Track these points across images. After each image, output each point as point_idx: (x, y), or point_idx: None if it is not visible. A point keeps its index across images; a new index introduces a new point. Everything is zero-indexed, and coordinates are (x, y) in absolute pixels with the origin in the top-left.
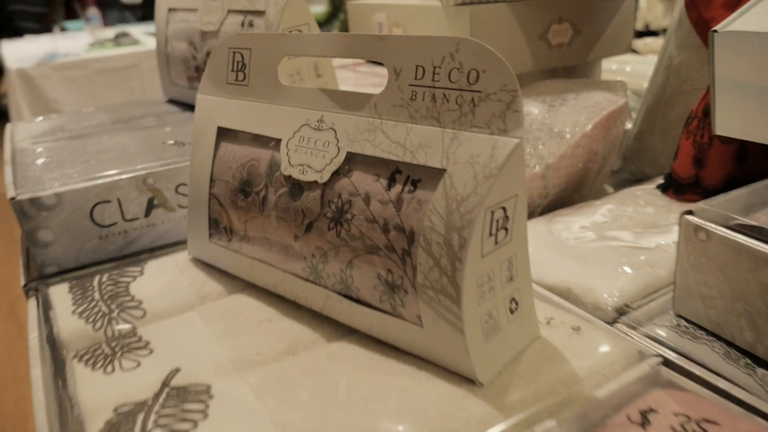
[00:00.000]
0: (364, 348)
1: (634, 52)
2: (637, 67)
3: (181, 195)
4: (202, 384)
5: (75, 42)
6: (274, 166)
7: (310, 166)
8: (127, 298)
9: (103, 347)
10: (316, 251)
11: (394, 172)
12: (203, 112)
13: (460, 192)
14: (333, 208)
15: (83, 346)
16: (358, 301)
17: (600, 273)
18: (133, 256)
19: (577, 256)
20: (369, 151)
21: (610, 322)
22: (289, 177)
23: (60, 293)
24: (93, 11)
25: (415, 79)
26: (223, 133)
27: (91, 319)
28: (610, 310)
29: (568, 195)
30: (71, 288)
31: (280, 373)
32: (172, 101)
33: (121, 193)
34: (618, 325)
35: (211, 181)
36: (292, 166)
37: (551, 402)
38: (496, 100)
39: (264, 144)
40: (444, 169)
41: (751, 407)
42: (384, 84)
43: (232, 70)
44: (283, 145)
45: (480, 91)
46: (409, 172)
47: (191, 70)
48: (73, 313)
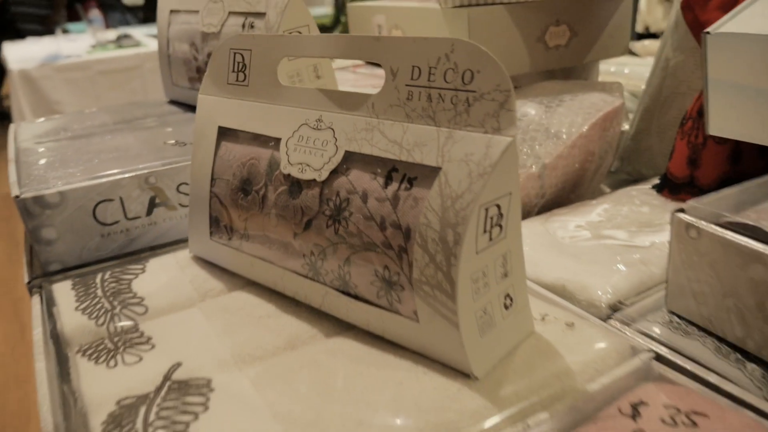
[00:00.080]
0: (361, 343)
1: (633, 54)
2: (635, 69)
3: (183, 194)
4: (203, 378)
5: (77, 44)
6: (273, 165)
7: (309, 165)
8: (129, 295)
9: (105, 342)
10: (315, 248)
11: (390, 171)
12: (204, 112)
13: (455, 189)
14: (331, 205)
15: (86, 342)
16: (356, 297)
17: (594, 271)
18: (135, 254)
19: (572, 254)
20: (366, 149)
21: (603, 318)
22: (289, 175)
23: (63, 290)
24: (95, 13)
25: (412, 79)
26: (224, 133)
27: (94, 315)
28: (604, 306)
29: (565, 195)
30: (74, 285)
31: (279, 367)
32: (174, 102)
33: (123, 192)
34: (611, 321)
35: (212, 180)
36: (292, 164)
37: (544, 395)
38: (490, 99)
39: (264, 143)
40: (439, 167)
41: (740, 400)
42: (382, 85)
43: (233, 71)
44: (282, 144)
45: (474, 91)
46: (405, 170)
47: (192, 71)
48: (76, 309)
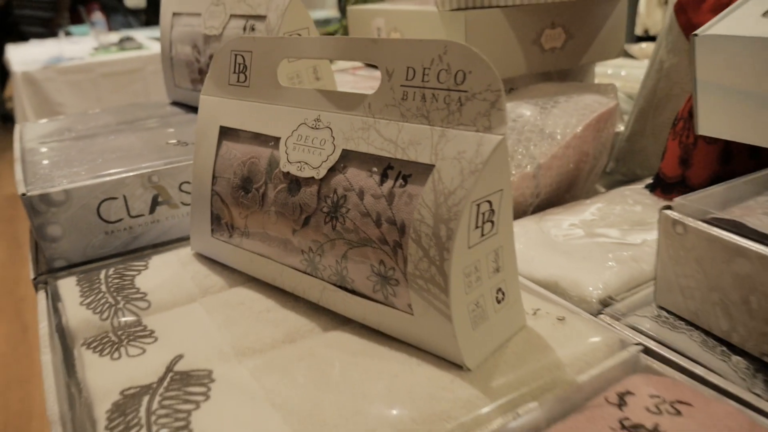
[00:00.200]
0: (358, 336)
1: (630, 56)
2: (632, 71)
3: (184, 193)
4: (204, 369)
5: (80, 46)
6: (273, 164)
7: (307, 163)
8: (133, 291)
9: (109, 336)
10: (313, 244)
11: (386, 168)
12: (206, 112)
13: (448, 186)
14: (329, 202)
15: (91, 335)
16: (353, 291)
17: (586, 267)
18: (138, 252)
19: (565, 252)
20: (363, 148)
21: (594, 313)
22: (288, 174)
23: (68, 286)
24: (98, 16)
25: (406, 79)
26: (225, 132)
27: (98, 310)
28: (595, 302)
29: (560, 195)
30: (79, 281)
31: (278, 359)
32: (176, 103)
33: (126, 191)
34: (602, 316)
35: (214, 179)
36: (291, 163)
37: (535, 386)
38: (482, 99)
39: (264, 142)
40: (433, 165)
41: (724, 391)
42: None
43: (234, 72)
44: (282, 143)
45: (466, 91)
46: (400, 167)
47: (194, 73)
48: (80, 304)
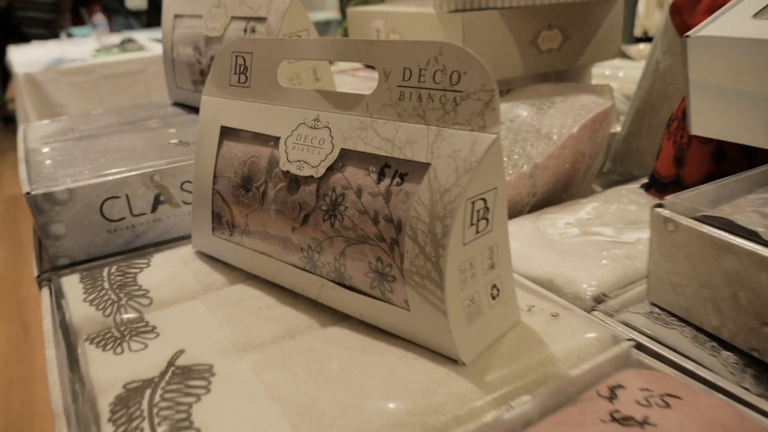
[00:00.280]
0: (356, 332)
1: (628, 57)
2: (629, 72)
3: (186, 192)
4: (205, 364)
5: (81, 48)
6: (273, 163)
7: (306, 162)
8: (135, 288)
9: (112, 331)
10: (312, 242)
11: (383, 167)
12: (207, 113)
13: (443, 184)
14: (327, 200)
15: (94, 331)
16: (351, 288)
17: (581, 265)
18: (140, 250)
19: (560, 250)
20: (361, 147)
21: (588, 310)
22: (287, 172)
23: (71, 283)
24: (99, 18)
25: (403, 80)
26: (226, 132)
27: (101, 307)
28: (589, 298)
29: (557, 194)
30: (82, 278)
31: (278, 354)
32: (177, 104)
33: (129, 190)
34: (595, 312)
35: (215, 178)
36: (290, 162)
37: (528, 380)
38: (476, 99)
39: (264, 142)
40: (429, 163)
41: (714, 385)
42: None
43: (235, 73)
44: (281, 142)
45: (461, 91)
46: (397, 166)
47: (196, 74)
48: (84, 301)
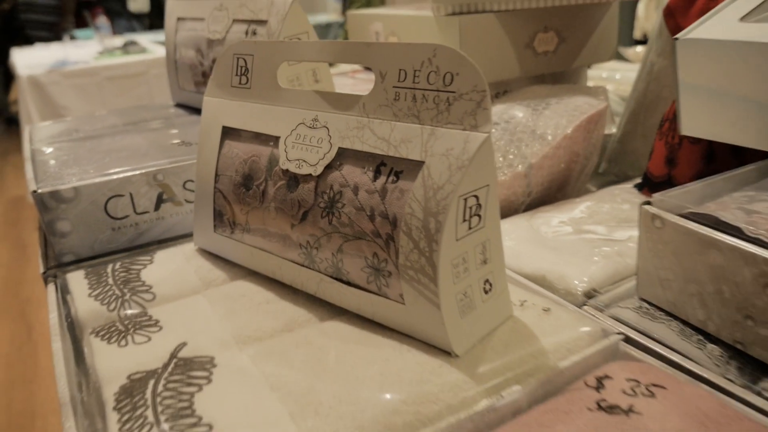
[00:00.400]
0: (352, 326)
1: (625, 60)
2: (626, 74)
3: (188, 191)
4: (207, 356)
5: (84, 50)
6: (273, 162)
7: (305, 161)
8: (138, 283)
9: (117, 325)
10: (311, 238)
11: (379, 165)
12: (209, 113)
13: (437, 181)
14: (325, 198)
15: (99, 325)
16: (348, 283)
17: (573, 262)
18: (144, 247)
19: (553, 247)
20: (358, 146)
21: (579, 305)
22: (287, 171)
23: (77, 279)
24: (102, 20)
25: (398, 81)
26: (228, 132)
27: (105, 302)
28: (580, 294)
29: (552, 194)
30: (87, 274)
31: (277, 346)
32: (179, 105)
33: (133, 188)
34: (585, 307)
35: (216, 176)
36: (290, 161)
37: (519, 371)
38: (468, 99)
39: (264, 141)
40: (423, 161)
41: (699, 376)
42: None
43: (236, 74)
44: (281, 142)
45: (454, 92)
46: (392, 164)
47: (198, 76)
48: (89, 296)
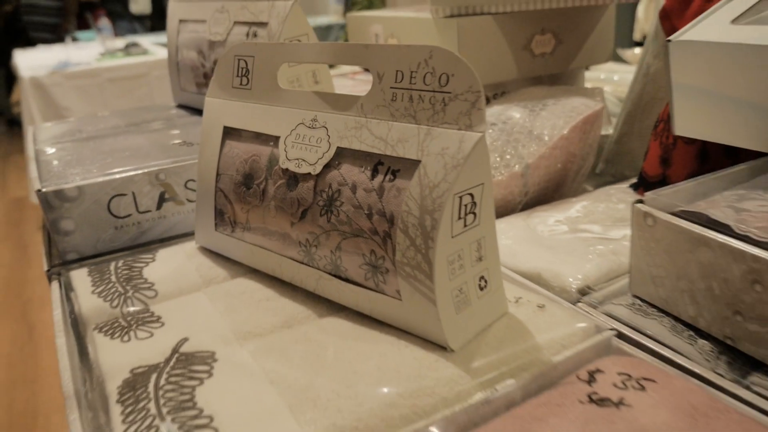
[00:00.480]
0: (351, 322)
1: (623, 61)
2: (624, 76)
3: (190, 190)
4: (208, 351)
5: (86, 52)
6: (273, 161)
7: (304, 160)
8: (141, 281)
9: (119, 321)
10: (310, 236)
11: (377, 164)
12: (211, 113)
13: (432, 179)
14: (324, 196)
15: (102, 321)
16: (346, 280)
17: (568, 260)
18: (146, 245)
19: (549, 246)
20: (356, 145)
21: (573, 302)
22: (287, 170)
23: (80, 277)
24: (104, 22)
25: (395, 82)
26: (229, 132)
27: (108, 298)
28: (574, 291)
29: (549, 194)
30: (90, 272)
31: (276, 342)
32: (180, 106)
33: (135, 188)
34: (580, 304)
35: (217, 176)
36: (289, 160)
37: (513, 366)
38: (463, 99)
39: (264, 141)
40: (419, 160)
41: (689, 371)
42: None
43: (237, 76)
44: (281, 141)
45: (450, 92)
46: (389, 163)
47: (200, 77)
48: (92, 293)
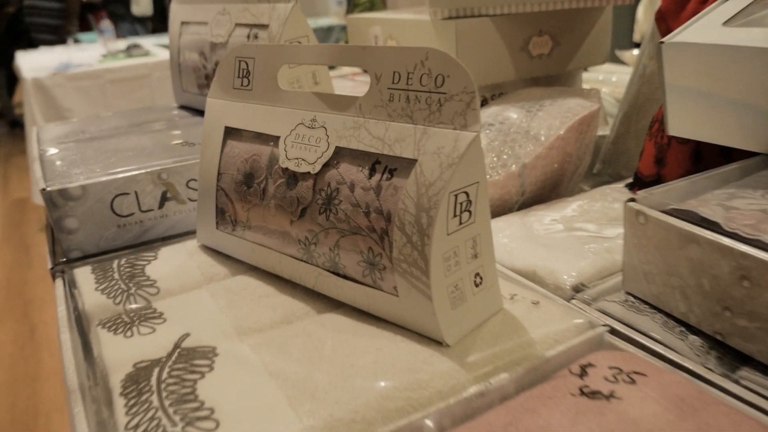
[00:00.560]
0: (349, 318)
1: (621, 63)
2: (622, 77)
3: (191, 189)
4: (209, 346)
5: (88, 53)
6: (273, 160)
7: (304, 160)
8: (143, 278)
9: (122, 317)
10: (309, 234)
11: (374, 163)
12: (212, 114)
13: (428, 178)
14: (323, 195)
15: (105, 317)
16: (345, 276)
17: (563, 258)
18: (148, 244)
19: (544, 244)
20: (354, 145)
21: (567, 299)
22: (286, 169)
23: (83, 274)
24: (106, 24)
25: (393, 83)
26: (230, 132)
27: (111, 295)
28: (568, 288)
29: (546, 194)
30: (93, 270)
31: (276, 337)
32: (182, 107)
33: (138, 187)
34: (573, 301)
35: (219, 175)
36: (289, 159)
37: (507, 360)
38: (458, 100)
39: (265, 141)
40: (415, 160)
41: (679, 365)
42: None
43: (238, 77)
44: (281, 141)
45: (445, 93)
46: (387, 162)
47: (201, 78)
48: (95, 290)
